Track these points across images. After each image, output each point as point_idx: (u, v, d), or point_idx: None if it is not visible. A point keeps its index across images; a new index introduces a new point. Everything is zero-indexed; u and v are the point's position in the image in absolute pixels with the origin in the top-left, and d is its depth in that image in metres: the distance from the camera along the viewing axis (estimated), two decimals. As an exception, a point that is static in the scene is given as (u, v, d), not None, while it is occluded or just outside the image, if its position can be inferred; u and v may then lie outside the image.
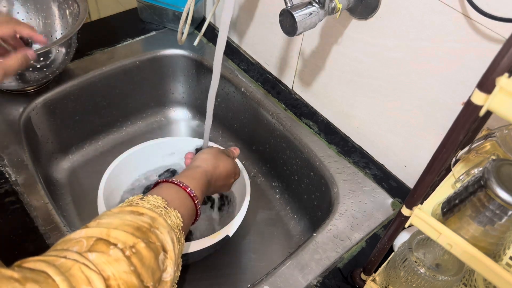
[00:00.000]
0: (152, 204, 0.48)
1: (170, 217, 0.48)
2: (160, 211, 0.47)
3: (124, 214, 0.45)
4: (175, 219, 0.49)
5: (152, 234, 0.43)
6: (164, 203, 0.49)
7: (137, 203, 0.48)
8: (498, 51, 0.33)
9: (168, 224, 0.47)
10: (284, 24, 0.64)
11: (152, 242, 0.43)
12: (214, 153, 0.67)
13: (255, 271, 0.83)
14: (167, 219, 0.47)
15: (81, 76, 0.90)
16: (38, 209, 0.69)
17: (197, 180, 0.58)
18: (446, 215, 0.48)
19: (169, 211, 0.49)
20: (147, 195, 0.50)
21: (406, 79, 0.68)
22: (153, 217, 0.46)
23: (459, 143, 0.41)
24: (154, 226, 0.45)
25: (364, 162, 0.82)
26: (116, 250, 0.39)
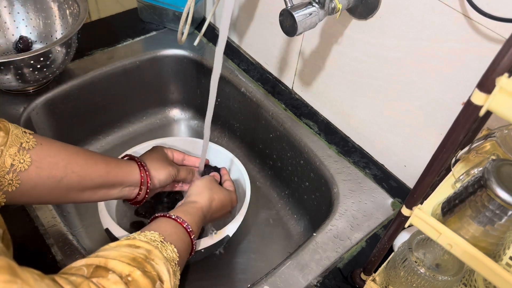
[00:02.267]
0: (149, 238, 0.50)
1: (166, 250, 0.50)
2: (156, 244, 0.49)
3: (121, 247, 0.47)
4: (171, 253, 0.50)
5: (148, 264, 0.45)
6: (161, 238, 0.51)
7: (134, 237, 0.50)
8: (498, 51, 0.33)
9: (164, 256, 0.48)
10: (284, 24, 0.64)
11: (148, 271, 0.45)
12: (209, 185, 0.69)
13: (255, 271, 0.83)
14: (163, 252, 0.49)
15: (81, 76, 0.90)
16: (38, 209, 0.69)
17: (193, 216, 0.61)
18: (446, 215, 0.48)
19: (166, 245, 0.51)
20: (144, 230, 0.52)
21: (406, 79, 0.69)
22: (149, 249, 0.48)
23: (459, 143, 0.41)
24: (149, 257, 0.47)
25: (364, 162, 0.82)
26: (114, 275, 0.41)
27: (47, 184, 0.54)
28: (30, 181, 0.52)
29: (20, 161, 0.51)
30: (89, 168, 0.57)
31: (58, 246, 0.65)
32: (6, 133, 0.51)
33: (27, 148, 0.51)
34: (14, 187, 0.51)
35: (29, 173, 0.52)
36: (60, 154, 0.55)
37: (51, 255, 0.64)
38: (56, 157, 0.54)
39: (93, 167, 0.58)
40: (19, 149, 0.51)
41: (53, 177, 0.54)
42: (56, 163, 0.54)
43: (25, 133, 0.53)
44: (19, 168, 0.50)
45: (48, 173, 0.53)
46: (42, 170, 0.53)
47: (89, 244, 0.84)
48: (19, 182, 0.51)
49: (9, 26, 0.91)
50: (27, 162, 0.51)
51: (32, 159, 0.52)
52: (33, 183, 0.52)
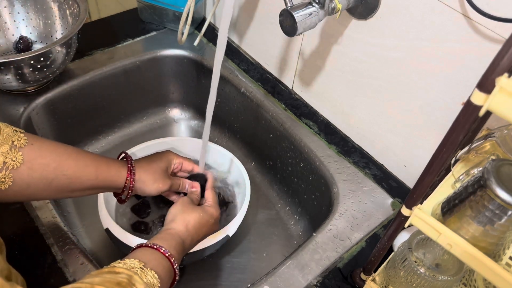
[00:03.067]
0: (128, 266, 0.50)
1: (147, 276, 0.50)
2: (135, 271, 0.49)
3: (103, 274, 0.47)
4: (151, 279, 0.50)
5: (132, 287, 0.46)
6: (141, 264, 0.51)
7: (113, 265, 0.50)
8: (498, 51, 0.33)
9: (144, 282, 0.48)
10: (284, 25, 0.64)
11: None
12: (180, 209, 0.67)
13: (255, 271, 0.83)
14: (143, 278, 0.49)
15: (82, 76, 0.90)
16: (38, 209, 0.69)
17: (170, 241, 0.60)
18: (446, 215, 0.49)
19: (146, 271, 0.50)
20: (124, 259, 0.52)
21: (406, 79, 0.69)
22: (130, 275, 0.48)
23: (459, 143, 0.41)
24: (131, 282, 0.47)
25: (364, 162, 0.82)
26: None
27: (39, 185, 0.54)
28: (23, 182, 0.53)
29: (12, 158, 0.51)
30: (79, 170, 0.58)
31: (58, 246, 0.65)
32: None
33: (19, 146, 0.52)
34: (7, 184, 0.51)
35: (22, 174, 0.52)
36: (51, 155, 0.55)
37: (51, 255, 0.64)
38: (47, 158, 0.55)
39: (83, 170, 0.58)
40: (11, 147, 0.51)
41: (44, 179, 0.54)
42: (47, 165, 0.54)
43: (16, 132, 0.53)
44: (11, 166, 0.51)
45: (39, 175, 0.54)
46: (34, 172, 0.53)
47: (89, 244, 0.84)
48: (11, 180, 0.51)
49: (9, 26, 0.91)
50: (19, 160, 0.52)
51: (24, 160, 0.52)
52: (25, 184, 0.53)
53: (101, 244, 0.84)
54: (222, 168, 0.89)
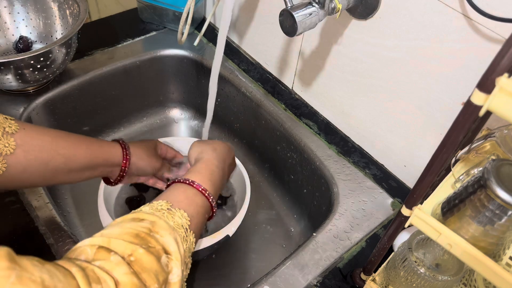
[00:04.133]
0: (155, 208, 0.49)
1: (174, 217, 0.49)
2: (161, 214, 0.48)
3: (125, 222, 0.46)
4: (180, 219, 0.49)
5: (151, 239, 0.44)
6: (168, 205, 0.50)
7: (140, 210, 0.49)
8: (498, 51, 0.33)
9: (169, 226, 0.47)
10: (284, 25, 0.64)
11: (152, 247, 0.44)
12: (201, 143, 0.68)
13: (255, 271, 0.83)
14: (169, 221, 0.48)
15: (82, 76, 0.90)
16: (38, 209, 0.69)
17: (203, 173, 0.59)
18: (446, 215, 0.49)
19: (173, 212, 0.49)
20: (152, 201, 0.51)
21: (406, 79, 0.69)
22: (153, 221, 0.47)
23: (459, 143, 0.41)
24: (153, 230, 0.46)
25: (364, 162, 0.82)
26: (116, 256, 0.41)
27: (36, 167, 0.55)
28: (19, 165, 0.53)
29: (5, 145, 0.52)
30: (73, 149, 0.59)
31: (58, 246, 0.65)
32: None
33: (11, 133, 0.53)
34: (0, 170, 0.52)
35: (18, 157, 0.53)
36: (44, 137, 0.56)
37: (51, 255, 0.64)
38: (41, 139, 0.55)
39: (77, 148, 0.59)
40: (3, 133, 0.52)
41: (40, 160, 0.55)
42: (43, 146, 0.55)
43: (7, 119, 0.54)
44: (4, 151, 0.51)
45: (35, 156, 0.54)
46: (29, 154, 0.54)
47: (89, 244, 0.84)
48: (5, 165, 0.52)
49: (9, 26, 0.91)
50: (12, 146, 0.52)
51: (18, 143, 0.53)
52: (22, 167, 0.53)
53: (101, 244, 0.84)
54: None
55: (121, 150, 0.65)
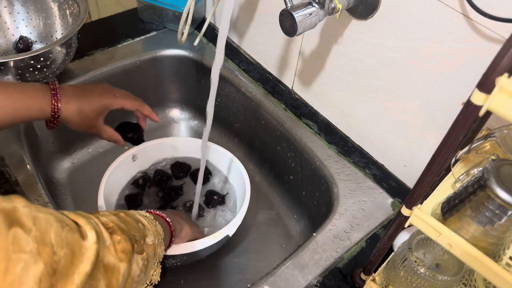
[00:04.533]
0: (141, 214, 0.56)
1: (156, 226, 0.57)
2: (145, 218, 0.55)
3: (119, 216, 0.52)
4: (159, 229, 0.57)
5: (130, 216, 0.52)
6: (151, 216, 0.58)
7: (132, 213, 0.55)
8: (498, 51, 0.33)
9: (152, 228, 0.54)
10: (284, 25, 0.64)
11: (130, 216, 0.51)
12: None
13: (255, 271, 0.83)
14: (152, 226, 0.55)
15: (82, 76, 0.90)
16: (38, 209, 0.69)
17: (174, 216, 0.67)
18: (446, 215, 0.49)
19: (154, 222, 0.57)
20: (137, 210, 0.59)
21: (406, 79, 0.69)
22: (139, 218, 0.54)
23: (459, 143, 0.41)
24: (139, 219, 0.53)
25: (364, 162, 0.82)
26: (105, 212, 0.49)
27: None
28: None
29: None
30: None
31: (58, 246, 0.65)
32: None
33: None
34: None
35: None
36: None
37: (51, 255, 0.64)
38: None
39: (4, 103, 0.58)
40: None
41: None
42: None
43: None
44: None
45: None
46: None
47: (89, 244, 0.84)
48: None
49: (9, 26, 0.91)
50: None
51: None
52: None
53: (101, 244, 0.84)
54: (222, 168, 0.90)
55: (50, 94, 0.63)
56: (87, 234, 0.40)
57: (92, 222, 0.42)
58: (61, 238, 0.35)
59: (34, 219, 0.33)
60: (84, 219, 0.42)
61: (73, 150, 0.96)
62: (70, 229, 0.37)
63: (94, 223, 0.42)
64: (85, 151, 0.98)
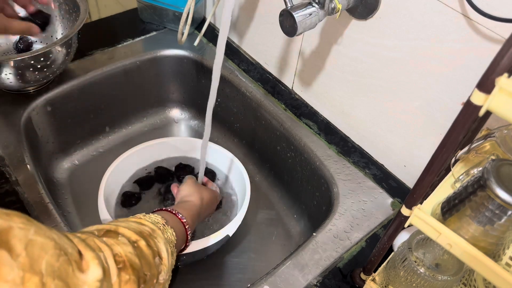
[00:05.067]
0: (153, 220, 0.55)
1: (167, 233, 0.55)
2: (159, 226, 0.54)
3: (129, 221, 0.52)
4: (170, 236, 0.56)
5: (151, 240, 0.50)
6: (163, 221, 0.56)
7: (140, 217, 0.55)
8: (498, 51, 0.33)
9: (164, 237, 0.53)
10: (284, 25, 0.64)
11: (151, 246, 0.49)
12: (196, 187, 0.75)
13: (255, 271, 0.83)
14: (164, 234, 0.54)
15: (82, 76, 0.90)
16: (38, 209, 0.69)
17: (188, 211, 0.66)
18: (445, 215, 0.49)
19: (166, 228, 0.56)
20: (148, 214, 0.57)
21: (406, 79, 0.69)
22: (153, 228, 0.52)
23: (459, 143, 0.41)
24: (153, 235, 0.51)
25: (364, 162, 0.82)
26: (123, 238, 0.46)
27: None
28: None
29: None
30: None
31: (58, 246, 0.65)
32: None
33: None
34: None
35: None
36: None
37: (51, 255, 0.64)
38: None
39: None
40: None
41: None
42: None
43: None
44: None
45: None
46: None
47: (89, 244, 0.84)
48: None
49: (9, 26, 0.91)
50: None
51: None
52: None
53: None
54: (222, 168, 0.90)
55: None
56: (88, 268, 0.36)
57: (101, 257, 0.39)
58: (53, 268, 0.32)
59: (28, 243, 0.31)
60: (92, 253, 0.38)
61: (73, 150, 0.96)
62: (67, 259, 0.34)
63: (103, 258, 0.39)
64: (85, 151, 0.98)
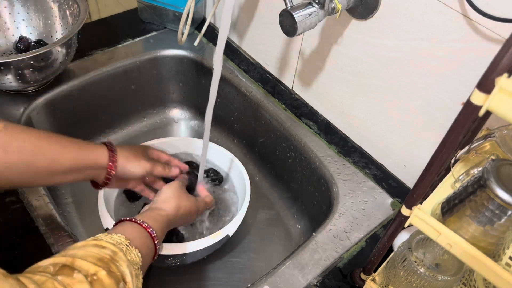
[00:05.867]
0: (115, 241, 0.51)
1: (130, 254, 0.51)
2: (121, 247, 0.50)
3: (87, 247, 0.48)
4: (135, 257, 0.51)
5: (113, 265, 0.46)
6: (126, 241, 0.52)
7: (101, 238, 0.51)
8: (498, 51, 0.33)
9: (127, 259, 0.49)
10: (284, 25, 0.64)
11: (113, 272, 0.46)
12: (176, 193, 0.68)
13: (255, 271, 0.83)
14: (127, 255, 0.50)
15: (82, 76, 0.90)
16: (38, 209, 0.69)
17: (159, 223, 0.61)
18: (445, 215, 0.49)
19: (130, 249, 0.51)
20: (111, 233, 0.53)
21: (406, 79, 0.69)
22: (114, 251, 0.49)
23: (459, 143, 0.41)
24: (115, 258, 0.47)
25: (364, 162, 0.82)
26: (79, 274, 0.42)
27: (16, 169, 0.54)
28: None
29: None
30: (57, 152, 0.58)
31: (58, 246, 0.65)
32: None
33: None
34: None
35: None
36: (29, 138, 0.55)
37: (51, 255, 0.64)
38: (23, 141, 0.54)
39: (62, 150, 0.58)
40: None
41: (21, 161, 0.54)
42: (23, 147, 0.54)
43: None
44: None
45: (16, 157, 0.53)
46: (9, 154, 0.53)
47: (89, 244, 0.84)
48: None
49: (9, 26, 0.91)
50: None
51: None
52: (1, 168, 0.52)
53: (101, 244, 0.84)
54: (222, 168, 0.90)
55: (107, 152, 0.64)
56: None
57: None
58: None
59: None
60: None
61: (73, 150, 0.96)
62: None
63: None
64: (85, 151, 0.98)
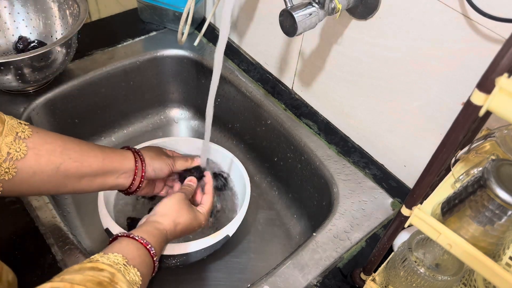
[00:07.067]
0: (112, 261, 0.49)
1: (129, 274, 0.50)
2: (119, 268, 0.49)
3: (84, 270, 0.46)
4: (134, 276, 0.50)
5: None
6: (124, 261, 0.50)
7: (97, 260, 0.49)
8: (498, 51, 0.33)
9: (126, 280, 0.48)
10: (284, 25, 0.64)
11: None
12: (176, 207, 0.66)
13: (255, 271, 0.83)
14: (126, 276, 0.49)
15: (82, 76, 0.90)
16: (38, 209, 0.69)
17: (157, 238, 0.59)
18: (445, 215, 0.49)
19: (129, 269, 0.50)
20: (107, 253, 0.51)
21: (406, 79, 0.69)
22: (113, 272, 0.47)
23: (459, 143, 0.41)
24: (114, 280, 0.46)
25: (364, 162, 0.82)
26: None
27: (46, 171, 0.55)
28: (29, 169, 0.53)
29: (16, 149, 0.52)
30: (85, 154, 0.59)
31: (58, 246, 0.65)
32: (2, 123, 0.52)
33: (23, 138, 0.53)
34: (10, 175, 0.52)
35: (28, 160, 0.53)
36: (57, 141, 0.57)
37: (51, 255, 0.64)
38: (53, 143, 0.56)
39: (89, 153, 0.60)
40: (15, 138, 0.52)
41: (51, 163, 0.55)
42: (54, 149, 0.56)
43: (21, 124, 0.54)
44: (15, 156, 0.52)
45: (46, 159, 0.55)
46: (41, 157, 0.54)
47: (89, 244, 0.84)
48: (15, 170, 0.52)
49: (9, 26, 0.91)
50: (23, 151, 0.53)
51: (29, 147, 0.53)
52: (32, 171, 0.54)
53: (101, 244, 0.84)
54: (222, 168, 0.90)
55: (133, 155, 0.67)
56: None
57: None
58: None
59: None
60: None
61: (73, 150, 0.96)
62: None
63: None
64: (85, 151, 0.98)
